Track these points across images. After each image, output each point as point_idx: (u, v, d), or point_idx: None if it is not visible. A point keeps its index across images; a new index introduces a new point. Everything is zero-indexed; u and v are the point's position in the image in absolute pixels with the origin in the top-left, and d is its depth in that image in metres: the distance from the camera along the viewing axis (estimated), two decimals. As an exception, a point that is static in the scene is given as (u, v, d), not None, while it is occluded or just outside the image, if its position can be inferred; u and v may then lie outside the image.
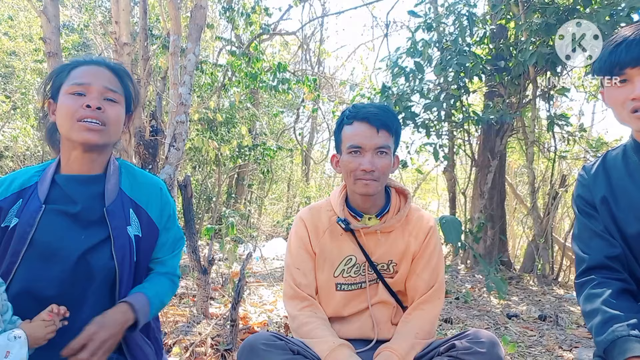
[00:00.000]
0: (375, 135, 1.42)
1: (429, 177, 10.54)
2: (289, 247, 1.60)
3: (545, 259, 5.30)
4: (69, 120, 1.19)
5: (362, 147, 1.43)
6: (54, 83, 1.26)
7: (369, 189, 1.44)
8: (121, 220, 1.25)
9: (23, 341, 1.04)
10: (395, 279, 1.54)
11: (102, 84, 1.23)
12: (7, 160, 9.39)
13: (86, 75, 1.23)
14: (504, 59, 5.12)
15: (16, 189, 1.24)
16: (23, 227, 1.18)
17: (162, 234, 1.35)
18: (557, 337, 3.00)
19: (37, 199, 1.22)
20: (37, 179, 1.26)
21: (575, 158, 6.33)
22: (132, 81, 1.33)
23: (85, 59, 1.28)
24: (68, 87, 1.21)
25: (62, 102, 1.21)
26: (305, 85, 7.63)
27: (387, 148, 1.44)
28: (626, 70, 1.11)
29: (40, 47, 8.34)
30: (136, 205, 1.31)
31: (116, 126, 1.25)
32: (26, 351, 1.04)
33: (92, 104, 1.19)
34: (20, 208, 1.21)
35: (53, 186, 1.24)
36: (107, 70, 1.27)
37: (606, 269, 1.20)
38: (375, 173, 1.42)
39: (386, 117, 1.44)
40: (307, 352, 1.37)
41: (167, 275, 1.38)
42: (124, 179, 1.32)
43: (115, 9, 5.03)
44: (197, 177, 9.64)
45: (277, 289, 4.03)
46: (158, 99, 5.35)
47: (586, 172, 1.32)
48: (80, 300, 1.18)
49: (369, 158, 1.42)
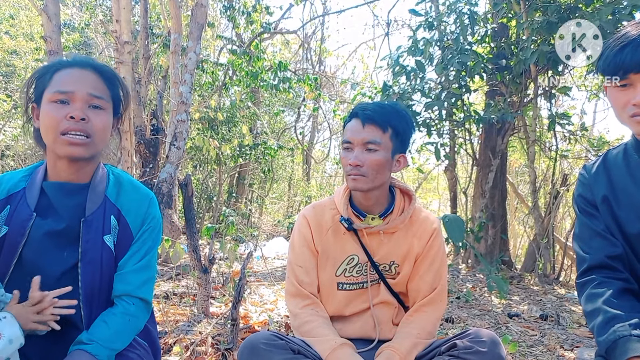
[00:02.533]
0: (361, 130, 1.41)
1: (430, 176, 10.54)
2: (292, 245, 1.59)
3: (547, 258, 5.29)
4: (52, 133, 1.13)
5: (352, 142, 1.43)
6: (36, 86, 1.19)
7: (356, 184, 1.42)
8: (97, 231, 1.21)
9: (10, 319, 1.04)
10: (397, 280, 1.53)
11: (87, 90, 1.15)
12: (8, 160, 9.40)
13: (70, 81, 1.16)
14: (505, 58, 5.11)
15: (3, 195, 1.20)
16: (14, 236, 1.15)
17: (135, 244, 1.27)
18: (559, 337, 3.00)
19: (27, 206, 1.18)
20: (24, 185, 1.22)
21: (577, 157, 6.33)
22: (120, 82, 1.26)
23: (69, 60, 1.20)
24: (51, 94, 1.15)
25: (45, 111, 1.15)
26: (306, 84, 7.64)
27: (375, 144, 1.40)
28: (630, 75, 1.10)
29: (41, 45, 8.35)
30: (119, 212, 1.26)
31: (102, 135, 1.19)
32: (18, 328, 1.04)
33: (76, 115, 1.12)
34: (8, 216, 1.18)
35: (41, 195, 1.21)
36: (93, 72, 1.19)
37: (607, 268, 1.20)
38: (363, 169, 1.40)
39: (379, 113, 1.42)
40: (308, 352, 1.37)
41: (124, 300, 1.22)
42: (111, 187, 1.28)
43: (116, 8, 5.03)
44: (197, 176, 9.65)
45: (278, 288, 4.03)
46: (159, 98, 5.35)
47: (587, 171, 1.31)
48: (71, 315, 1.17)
49: (357, 153, 1.41)
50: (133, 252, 1.26)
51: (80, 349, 1.10)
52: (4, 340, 1.00)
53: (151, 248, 1.30)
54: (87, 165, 1.23)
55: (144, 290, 1.25)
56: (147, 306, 1.28)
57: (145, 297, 1.26)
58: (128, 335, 1.21)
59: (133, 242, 1.27)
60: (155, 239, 1.32)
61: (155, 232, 1.32)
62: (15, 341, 1.03)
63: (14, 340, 1.02)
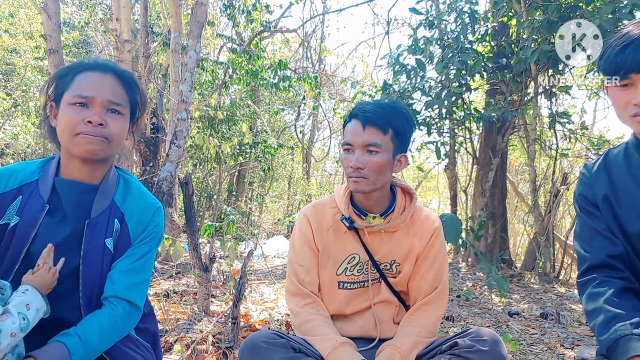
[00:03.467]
0: (362, 132, 1.40)
1: (430, 175, 10.55)
2: (292, 244, 1.59)
3: (547, 256, 5.30)
4: (69, 134, 1.16)
5: (352, 144, 1.42)
6: (57, 86, 1.21)
7: (358, 186, 1.42)
8: (100, 233, 1.22)
9: (32, 290, 1.10)
10: (398, 279, 1.53)
11: (106, 96, 1.18)
12: (8, 158, 9.41)
13: (90, 85, 1.18)
14: (505, 57, 5.11)
15: (16, 185, 1.21)
16: (25, 226, 1.17)
17: (131, 247, 1.27)
18: (559, 335, 3.00)
19: (40, 197, 1.20)
20: (37, 177, 1.23)
21: (577, 156, 6.33)
22: (139, 87, 1.28)
23: (91, 63, 1.22)
24: (71, 97, 1.17)
25: (64, 112, 1.17)
26: (306, 82, 7.63)
27: (376, 146, 1.39)
28: (631, 75, 1.10)
29: (41, 44, 8.34)
30: (122, 216, 1.27)
31: (118, 139, 1.21)
32: (41, 297, 1.11)
33: (94, 120, 1.15)
34: (20, 206, 1.19)
35: (52, 190, 1.22)
36: (113, 77, 1.21)
37: (608, 267, 1.20)
38: (364, 171, 1.40)
39: (379, 114, 1.40)
40: (309, 350, 1.37)
41: (111, 302, 1.21)
42: (119, 192, 1.29)
43: (116, 6, 5.03)
44: (197, 174, 9.65)
45: (278, 287, 4.03)
46: (159, 97, 5.35)
47: (588, 170, 1.31)
48: (74, 309, 1.20)
49: (358, 155, 1.41)
50: (127, 255, 1.26)
51: (59, 340, 1.10)
52: (33, 309, 1.07)
53: (146, 252, 1.29)
54: (100, 166, 1.25)
55: (132, 293, 1.23)
56: (136, 310, 1.25)
57: (133, 299, 1.22)
58: (111, 338, 1.18)
59: (130, 247, 1.27)
60: (153, 245, 1.31)
61: (154, 240, 1.32)
62: (41, 309, 1.10)
63: (40, 309, 1.10)
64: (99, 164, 1.24)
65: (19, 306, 1.05)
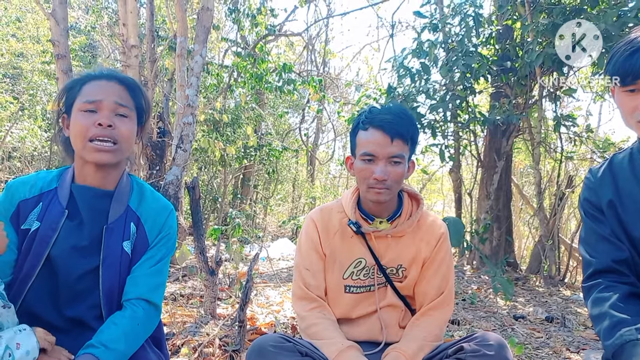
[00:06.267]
0: (389, 145, 1.39)
1: (434, 178, 10.53)
2: (299, 248, 1.60)
3: (552, 259, 5.28)
4: (82, 139, 1.22)
5: (376, 155, 1.40)
6: (67, 98, 1.28)
7: (380, 197, 1.43)
8: (118, 237, 1.28)
9: (29, 332, 1.09)
10: (404, 283, 1.54)
11: (113, 99, 1.24)
12: (15, 161, 9.47)
13: (97, 91, 1.25)
14: (510, 60, 5.11)
15: (37, 192, 1.28)
16: (46, 230, 1.23)
17: (150, 250, 1.33)
18: (565, 339, 3.00)
19: (59, 203, 1.26)
20: (55, 184, 1.30)
21: (582, 159, 6.31)
22: (143, 93, 1.35)
23: (96, 73, 1.29)
24: (80, 104, 1.24)
25: (75, 119, 1.24)
26: (311, 85, 7.65)
27: (401, 157, 1.41)
28: (639, 81, 1.11)
29: (48, 48, 8.40)
30: (138, 219, 1.33)
31: (128, 142, 1.27)
32: (35, 341, 1.08)
33: (104, 122, 1.21)
34: (41, 212, 1.25)
35: (70, 196, 1.28)
36: (118, 84, 1.28)
37: (613, 272, 1.20)
38: (388, 182, 1.40)
39: (402, 125, 1.41)
40: (316, 354, 1.38)
41: (133, 304, 1.26)
42: (134, 196, 1.35)
43: (123, 12, 5.07)
44: (203, 177, 9.68)
45: (284, 290, 4.04)
46: (165, 101, 5.38)
47: (593, 175, 1.31)
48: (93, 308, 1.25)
49: (382, 167, 1.40)
50: (147, 257, 1.32)
51: (88, 352, 1.13)
52: (22, 350, 1.04)
53: (165, 255, 1.36)
54: (113, 171, 1.30)
55: (155, 294, 1.30)
56: (157, 311, 1.32)
57: (155, 301, 1.30)
58: (136, 339, 1.24)
59: (148, 249, 1.33)
60: (170, 247, 1.38)
61: (170, 241, 1.38)
62: (32, 353, 1.07)
63: (31, 352, 1.07)
64: (111, 169, 1.29)
65: (9, 340, 1.03)
